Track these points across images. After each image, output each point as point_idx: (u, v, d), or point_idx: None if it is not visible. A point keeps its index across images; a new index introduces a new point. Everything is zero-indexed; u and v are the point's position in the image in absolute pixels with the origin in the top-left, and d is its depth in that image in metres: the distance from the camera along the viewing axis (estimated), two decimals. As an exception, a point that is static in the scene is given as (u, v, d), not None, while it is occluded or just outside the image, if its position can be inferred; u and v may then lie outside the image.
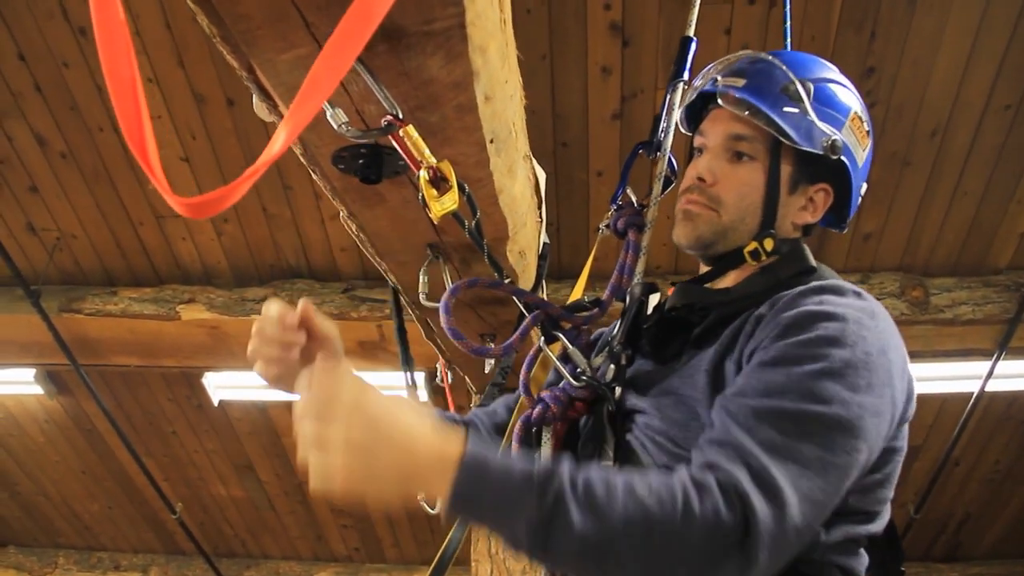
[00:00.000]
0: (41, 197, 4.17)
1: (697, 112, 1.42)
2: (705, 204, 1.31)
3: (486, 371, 2.92)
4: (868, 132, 1.38)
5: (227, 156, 3.88)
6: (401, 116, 1.19)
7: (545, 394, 1.29)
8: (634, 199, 1.50)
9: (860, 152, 1.35)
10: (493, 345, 2.24)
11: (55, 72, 3.69)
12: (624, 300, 1.40)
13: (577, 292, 1.51)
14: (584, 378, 1.29)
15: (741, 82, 1.32)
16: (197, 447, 5.67)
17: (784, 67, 1.32)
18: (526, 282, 2.49)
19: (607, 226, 1.48)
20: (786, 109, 1.28)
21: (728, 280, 1.34)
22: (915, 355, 4.64)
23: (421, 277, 2.04)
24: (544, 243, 2.48)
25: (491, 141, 1.48)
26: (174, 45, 3.55)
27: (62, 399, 5.35)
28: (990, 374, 4.32)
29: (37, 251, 4.38)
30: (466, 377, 3.72)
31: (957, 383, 4.55)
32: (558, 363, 1.31)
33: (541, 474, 0.90)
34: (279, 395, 4.97)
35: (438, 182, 1.26)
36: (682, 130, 1.49)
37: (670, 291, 1.38)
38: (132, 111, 0.75)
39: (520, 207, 1.98)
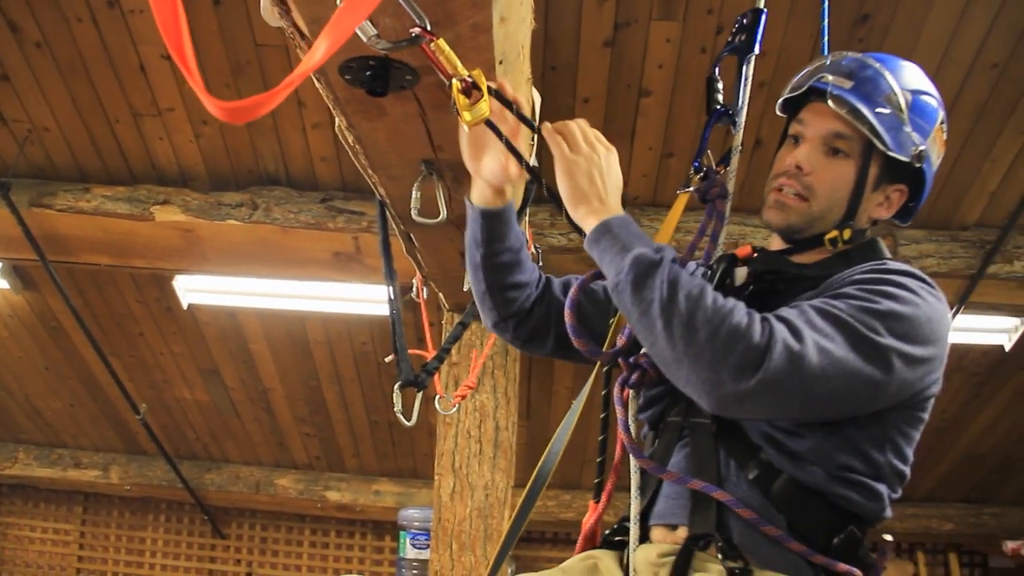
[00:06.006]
0: (12, 86, 4.04)
1: (795, 100, 1.53)
2: (798, 192, 1.45)
3: (464, 289, 2.97)
4: (945, 141, 1.51)
5: (210, 57, 3.79)
6: (430, 28, 1.20)
7: (644, 361, 1.39)
8: (713, 164, 1.58)
9: (936, 159, 1.49)
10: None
11: (33, -44, 3.56)
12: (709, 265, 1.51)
13: None
14: None
15: (849, 84, 1.43)
16: (164, 349, 5.67)
17: (889, 75, 1.43)
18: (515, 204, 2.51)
19: (697, 191, 1.56)
20: (886, 116, 1.40)
21: (804, 258, 1.48)
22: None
23: (414, 193, 2.05)
24: (533, 166, 2.51)
25: (500, 62, 1.49)
26: (160, -63, 3.43)
27: (28, 294, 5.29)
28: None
29: (7, 142, 4.27)
30: (440, 293, 3.76)
31: (915, 332, 4.69)
32: None
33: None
34: (248, 301, 4.99)
35: (470, 91, 1.28)
36: (778, 113, 1.58)
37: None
38: (171, 12, 0.75)
39: (519, 130, 1.99)
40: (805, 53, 3.51)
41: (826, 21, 1.91)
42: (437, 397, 3.35)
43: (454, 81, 1.26)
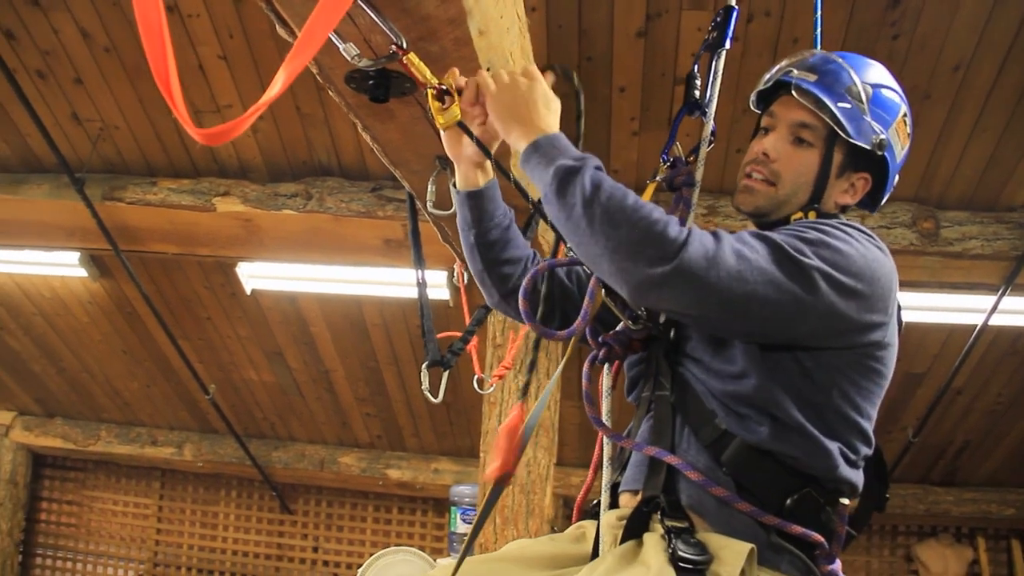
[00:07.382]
0: (85, 89, 4.33)
1: (767, 95, 1.64)
2: (764, 177, 1.55)
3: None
4: (909, 134, 1.59)
5: (264, 56, 4.01)
6: (404, 46, 1.34)
7: (609, 338, 1.51)
8: (681, 154, 1.67)
9: (899, 150, 1.57)
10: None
11: (100, -34, 3.81)
12: None
13: None
14: (642, 322, 1.49)
15: (813, 77, 1.53)
16: (230, 333, 5.97)
17: (851, 70, 1.53)
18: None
19: (664, 180, 1.65)
20: (847, 106, 1.50)
21: None
22: (920, 285, 4.74)
23: (429, 187, 2.18)
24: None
25: (487, 70, 1.62)
26: (214, -55, 3.65)
27: (104, 282, 5.64)
28: (994, 308, 4.42)
29: (81, 140, 4.58)
30: (481, 281, 3.90)
31: (963, 315, 4.66)
32: (617, 311, 1.48)
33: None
34: (308, 287, 5.22)
35: (443, 96, 1.42)
36: (752, 108, 1.69)
37: None
38: (159, 53, 0.91)
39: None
40: (836, 39, 3.55)
41: (818, 13, 1.99)
42: (476, 377, 3.50)
43: (428, 90, 1.40)
